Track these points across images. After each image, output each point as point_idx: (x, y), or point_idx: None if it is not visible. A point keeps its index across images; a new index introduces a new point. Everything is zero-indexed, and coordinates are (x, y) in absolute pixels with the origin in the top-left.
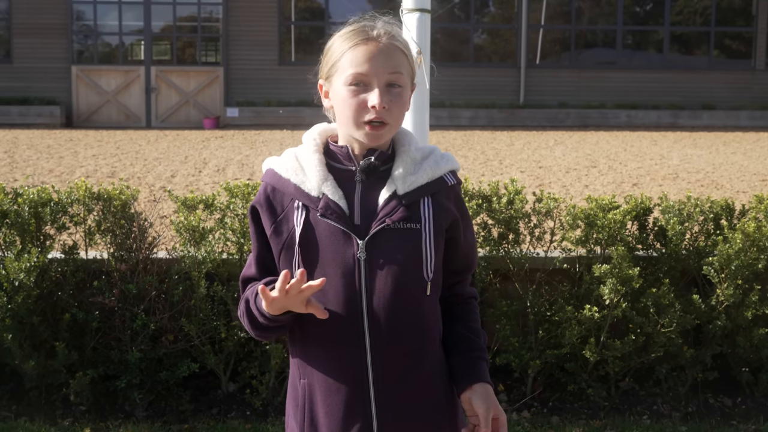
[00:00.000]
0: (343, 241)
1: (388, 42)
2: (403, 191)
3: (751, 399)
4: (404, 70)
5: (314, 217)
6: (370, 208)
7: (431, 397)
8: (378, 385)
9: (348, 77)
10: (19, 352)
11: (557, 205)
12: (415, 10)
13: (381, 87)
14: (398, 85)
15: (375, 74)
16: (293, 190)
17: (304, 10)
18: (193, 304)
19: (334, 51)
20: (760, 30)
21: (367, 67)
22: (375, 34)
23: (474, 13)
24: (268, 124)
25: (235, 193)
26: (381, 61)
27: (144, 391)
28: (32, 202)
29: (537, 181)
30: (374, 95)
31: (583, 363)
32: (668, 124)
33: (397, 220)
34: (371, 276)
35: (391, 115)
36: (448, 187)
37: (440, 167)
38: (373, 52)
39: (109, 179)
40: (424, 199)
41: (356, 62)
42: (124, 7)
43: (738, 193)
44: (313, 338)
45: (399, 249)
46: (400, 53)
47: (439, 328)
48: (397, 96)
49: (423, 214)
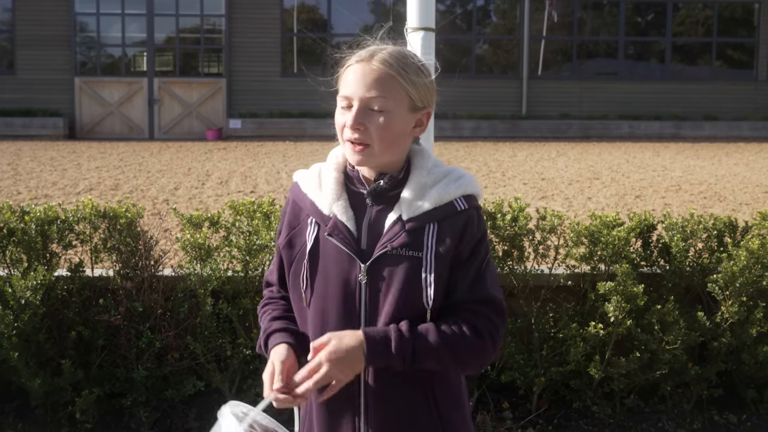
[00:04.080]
0: (347, 262)
1: (378, 66)
2: (407, 216)
3: (756, 416)
4: (389, 94)
5: (324, 235)
6: (376, 231)
7: (421, 416)
8: (368, 404)
9: (339, 97)
10: (25, 370)
11: (561, 222)
12: (420, 29)
13: (358, 108)
14: (378, 109)
15: (355, 95)
16: (309, 206)
17: (306, 21)
18: (198, 322)
19: (340, 69)
20: (762, 40)
21: (351, 88)
22: (367, 55)
23: (476, 24)
24: (271, 136)
25: (240, 211)
26: (362, 83)
27: (149, 408)
28: (39, 220)
29: (540, 194)
30: (349, 115)
31: (588, 380)
32: (670, 135)
33: (398, 246)
34: (371, 299)
35: (371, 137)
36: (458, 213)
37: (449, 192)
38: (359, 73)
39: (112, 192)
40: (430, 226)
41: (345, 83)
42: (127, 18)
43: (741, 205)
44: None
45: (399, 275)
46: (390, 78)
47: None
48: (375, 119)
49: (426, 241)
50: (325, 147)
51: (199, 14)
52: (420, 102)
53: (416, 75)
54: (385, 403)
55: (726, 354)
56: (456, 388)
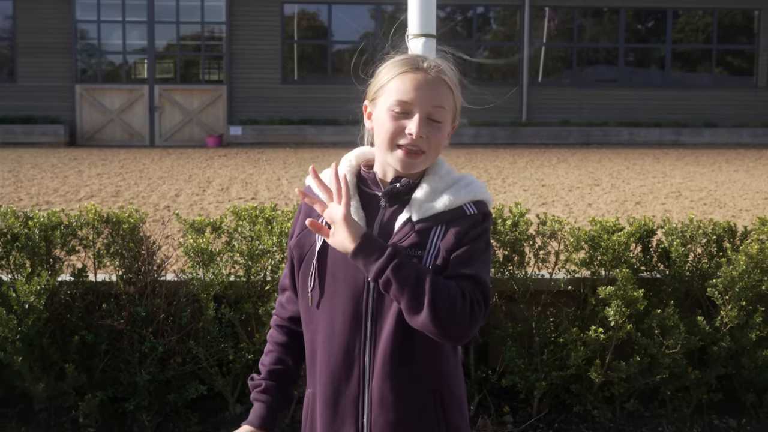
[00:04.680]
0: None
1: (436, 75)
2: (417, 218)
3: (756, 420)
4: (447, 106)
5: None
6: (387, 233)
7: (424, 418)
8: (372, 403)
9: (392, 102)
10: (28, 375)
11: (561, 227)
12: (421, 35)
13: (422, 117)
14: (438, 120)
15: (418, 104)
16: (320, 207)
17: (306, 29)
18: (201, 327)
19: (382, 75)
20: (762, 47)
21: (412, 95)
22: (425, 65)
23: (476, 31)
24: (271, 143)
25: (243, 216)
26: (426, 92)
27: (152, 413)
28: (42, 226)
29: (540, 200)
30: (413, 123)
31: (589, 384)
32: (671, 142)
33: (407, 246)
34: (378, 298)
35: (429, 146)
36: (467, 217)
37: (460, 197)
38: (420, 82)
39: (113, 198)
40: (437, 228)
41: (402, 89)
42: (127, 26)
43: (741, 212)
44: (320, 349)
45: None
46: (446, 88)
47: (443, 355)
48: (436, 129)
49: (431, 242)
50: (326, 154)
51: (200, 21)
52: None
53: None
54: (390, 405)
55: (726, 358)
56: (460, 392)
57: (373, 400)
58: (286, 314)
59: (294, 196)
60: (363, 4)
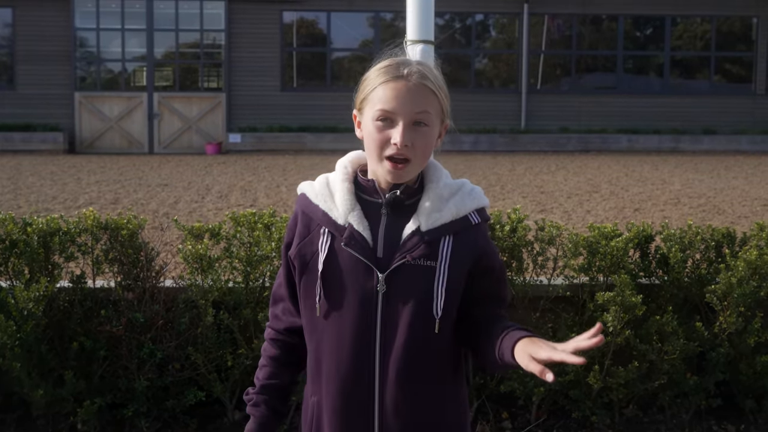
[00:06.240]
0: (363, 272)
1: (418, 81)
2: (426, 228)
3: (755, 426)
4: (432, 110)
5: (338, 245)
6: (393, 241)
7: (436, 423)
8: (383, 412)
9: (376, 112)
10: (27, 381)
11: (560, 233)
12: (419, 41)
13: (405, 125)
14: (425, 124)
15: (400, 112)
16: (321, 216)
17: (305, 36)
18: (199, 333)
19: (367, 84)
20: (760, 55)
21: (394, 104)
22: (405, 72)
23: (475, 39)
24: (270, 150)
25: (241, 222)
26: (407, 100)
27: (151, 419)
28: (41, 232)
29: (539, 207)
30: (397, 132)
31: (587, 390)
32: (669, 149)
33: (417, 256)
34: (388, 309)
35: (415, 153)
36: (472, 227)
37: (465, 205)
38: (401, 90)
39: (112, 205)
40: (446, 238)
41: (384, 99)
42: (126, 34)
43: (740, 218)
44: (326, 359)
45: (415, 285)
46: (429, 92)
47: (451, 364)
48: (422, 135)
49: (441, 252)
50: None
51: (199, 29)
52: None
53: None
54: (404, 411)
55: (724, 364)
56: (465, 400)
57: (387, 407)
58: (281, 326)
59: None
60: (362, 11)
